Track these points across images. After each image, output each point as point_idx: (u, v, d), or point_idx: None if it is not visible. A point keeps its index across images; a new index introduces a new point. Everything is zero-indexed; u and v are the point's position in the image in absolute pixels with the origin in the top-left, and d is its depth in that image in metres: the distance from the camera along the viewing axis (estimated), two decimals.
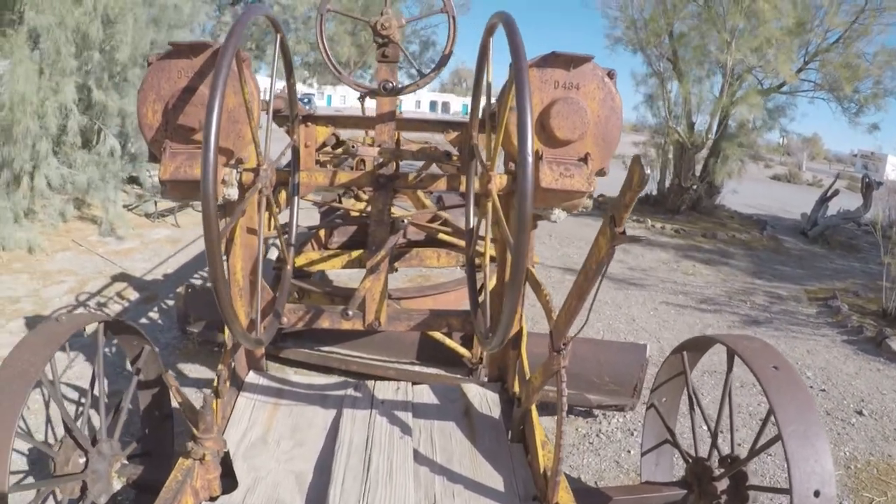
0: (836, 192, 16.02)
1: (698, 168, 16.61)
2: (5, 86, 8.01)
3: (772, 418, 2.68)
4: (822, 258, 13.48)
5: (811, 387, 6.19)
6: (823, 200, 15.97)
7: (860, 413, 5.73)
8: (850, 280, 11.27)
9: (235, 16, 17.82)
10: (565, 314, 2.47)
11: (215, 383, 3.15)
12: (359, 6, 22.38)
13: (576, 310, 2.41)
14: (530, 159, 1.87)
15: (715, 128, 15.98)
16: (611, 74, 2.80)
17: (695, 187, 16.56)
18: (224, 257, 3.04)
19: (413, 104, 61.74)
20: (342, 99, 57.36)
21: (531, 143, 1.88)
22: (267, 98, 3.07)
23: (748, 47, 14.26)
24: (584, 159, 2.75)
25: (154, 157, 2.85)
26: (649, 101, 17.20)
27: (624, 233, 1.95)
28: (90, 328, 3.17)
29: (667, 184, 17.06)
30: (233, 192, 2.83)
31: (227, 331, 3.50)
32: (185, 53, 2.74)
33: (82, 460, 2.96)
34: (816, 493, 2.48)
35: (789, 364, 2.88)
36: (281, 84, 3.47)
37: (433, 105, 75.01)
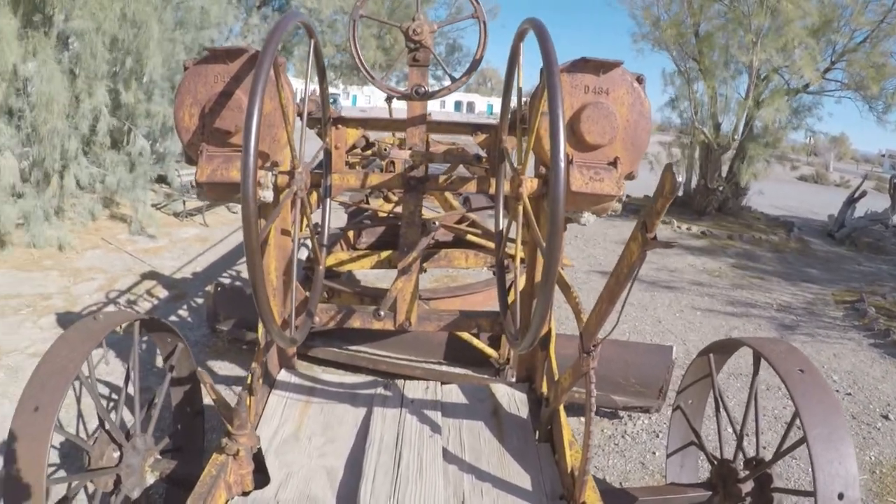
0: (864, 194, 15.84)
1: (724, 169, 16.48)
2: (34, 87, 8.17)
3: (797, 421, 2.70)
4: (849, 260, 13.33)
5: (837, 390, 6.15)
6: (851, 202, 15.79)
7: (886, 417, 5.69)
8: (878, 283, 11.13)
9: (262, 18, 17.98)
10: (596, 317, 2.49)
11: (249, 381, 3.21)
12: (384, 9, 22.52)
13: (606, 312, 2.43)
14: (563, 164, 1.90)
15: (741, 128, 15.85)
16: (640, 79, 2.82)
17: (721, 188, 16.43)
18: None
19: (438, 103, 61.79)
20: (367, 99, 57.41)
21: (564, 148, 1.91)
22: (299, 101, 3.13)
23: (774, 47, 14.14)
24: (614, 163, 2.77)
25: (190, 160, 2.91)
26: (672, 103, 17.10)
27: (655, 238, 1.97)
28: (124, 326, 3.25)
29: (693, 185, 16.94)
30: (268, 195, 2.88)
31: (260, 329, 3.57)
32: (221, 58, 2.78)
33: (116, 454, 3.01)
34: (840, 496, 2.49)
35: (815, 367, 2.89)
36: (311, 87, 3.52)
37: (458, 105, 74.82)
